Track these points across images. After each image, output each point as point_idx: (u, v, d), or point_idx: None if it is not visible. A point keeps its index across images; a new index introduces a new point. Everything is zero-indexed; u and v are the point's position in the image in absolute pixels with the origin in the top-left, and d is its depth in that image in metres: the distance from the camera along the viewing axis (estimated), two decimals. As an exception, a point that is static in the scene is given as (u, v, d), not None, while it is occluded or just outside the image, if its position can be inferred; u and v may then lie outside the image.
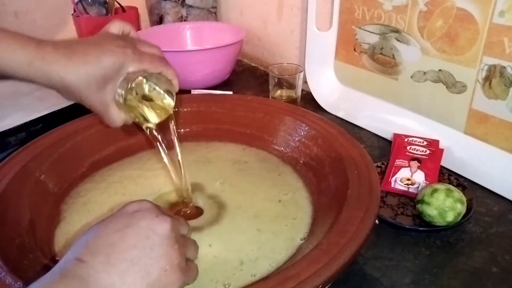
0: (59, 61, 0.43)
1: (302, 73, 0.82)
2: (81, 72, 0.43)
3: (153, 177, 0.64)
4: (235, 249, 0.50)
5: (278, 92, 0.85)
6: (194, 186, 0.61)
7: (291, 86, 0.83)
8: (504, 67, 0.61)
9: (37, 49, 0.44)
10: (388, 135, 0.77)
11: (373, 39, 0.78)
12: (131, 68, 0.47)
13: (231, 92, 0.87)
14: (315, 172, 0.61)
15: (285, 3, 1.01)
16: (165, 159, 0.53)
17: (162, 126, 0.54)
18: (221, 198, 0.59)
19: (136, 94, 0.49)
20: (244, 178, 0.63)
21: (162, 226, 0.34)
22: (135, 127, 0.69)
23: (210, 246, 0.50)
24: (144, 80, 0.49)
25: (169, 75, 0.52)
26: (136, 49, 0.48)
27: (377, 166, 0.67)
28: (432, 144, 0.69)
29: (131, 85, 0.47)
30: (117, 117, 0.49)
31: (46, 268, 0.47)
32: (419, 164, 0.66)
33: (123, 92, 0.47)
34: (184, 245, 0.36)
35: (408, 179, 0.64)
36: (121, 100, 0.48)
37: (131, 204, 0.36)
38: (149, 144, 0.70)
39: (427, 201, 0.56)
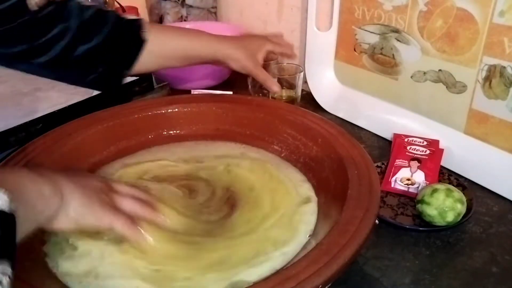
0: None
1: (302, 73, 0.82)
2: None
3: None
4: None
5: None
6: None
7: (291, 86, 0.83)
8: (504, 67, 0.61)
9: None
10: (388, 135, 0.77)
11: (373, 39, 0.78)
12: None
13: (231, 92, 0.87)
14: (315, 172, 0.61)
15: (285, 3, 1.01)
16: None
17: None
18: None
19: None
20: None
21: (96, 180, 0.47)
22: (135, 127, 0.69)
23: None
24: None
25: None
26: None
27: (377, 166, 0.67)
28: (432, 144, 0.69)
29: None
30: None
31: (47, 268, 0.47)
32: (419, 164, 0.66)
33: None
34: (113, 195, 0.46)
35: (408, 179, 0.64)
36: None
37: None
38: (149, 144, 0.71)
39: (427, 201, 0.56)
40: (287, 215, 0.54)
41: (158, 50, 0.65)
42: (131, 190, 0.49)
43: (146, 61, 0.64)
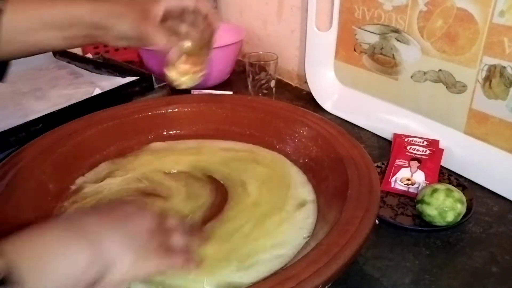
0: None
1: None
2: None
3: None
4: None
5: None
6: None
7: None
8: (504, 67, 0.61)
9: None
10: (388, 135, 0.77)
11: (373, 39, 0.78)
12: None
13: (231, 92, 0.87)
14: (315, 172, 0.61)
15: (285, 3, 1.01)
16: None
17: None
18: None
19: None
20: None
21: (144, 219, 0.40)
22: (135, 127, 0.69)
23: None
24: None
25: None
26: None
27: (377, 166, 0.67)
28: (432, 144, 0.69)
29: None
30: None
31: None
32: (419, 164, 0.66)
33: None
34: (166, 235, 0.40)
35: (408, 179, 0.64)
36: None
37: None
38: (149, 144, 0.71)
39: (427, 201, 0.56)
40: (278, 220, 0.54)
41: (22, 22, 0.51)
42: (180, 224, 0.43)
43: (12, 38, 0.51)
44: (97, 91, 0.88)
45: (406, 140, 0.70)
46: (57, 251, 0.32)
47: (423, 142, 0.69)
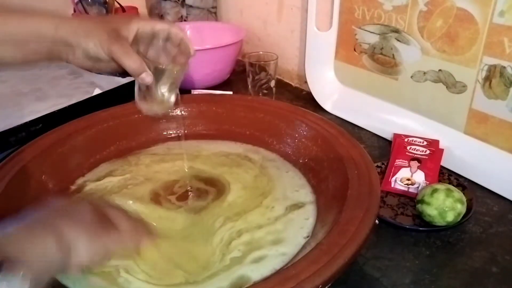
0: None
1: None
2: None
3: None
4: None
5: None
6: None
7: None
8: (504, 67, 0.61)
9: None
10: (388, 135, 0.77)
11: (373, 39, 0.78)
12: None
13: (231, 92, 0.87)
14: (315, 172, 0.61)
15: (285, 3, 1.01)
16: None
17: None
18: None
19: None
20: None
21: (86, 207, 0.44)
22: (135, 127, 0.69)
23: None
24: None
25: None
26: None
27: (377, 166, 0.67)
28: (432, 144, 0.69)
29: None
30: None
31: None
32: (419, 164, 0.66)
33: None
34: (109, 219, 0.43)
35: (408, 179, 0.64)
36: None
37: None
38: (149, 144, 0.71)
39: (427, 201, 0.56)
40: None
41: None
42: (121, 211, 0.46)
43: None
44: (97, 91, 0.88)
45: (406, 140, 0.70)
46: (34, 243, 0.37)
47: (423, 142, 0.69)
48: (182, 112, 0.72)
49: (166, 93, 0.55)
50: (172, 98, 0.56)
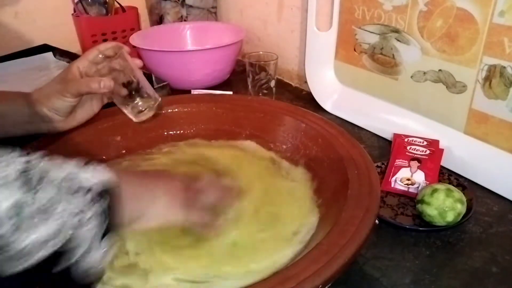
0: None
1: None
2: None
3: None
4: None
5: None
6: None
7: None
8: (504, 67, 0.61)
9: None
10: (388, 135, 0.77)
11: (373, 39, 0.78)
12: None
13: (231, 92, 0.87)
14: (315, 172, 0.61)
15: (285, 3, 1.01)
16: None
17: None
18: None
19: None
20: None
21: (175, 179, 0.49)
22: (136, 127, 0.69)
23: None
24: None
25: None
26: None
27: (377, 166, 0.67)
28: (432, 144, 0.69)
29: None
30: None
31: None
32: (419, 164, 0.66)
33: None
34: (195, 192, 0.48)
35: (408, 179, 0.64)
36: None
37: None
38: (149, 146, 0.71)
39: (427, 201, 0.56)
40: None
41: None
42: (211, 182, 0.51)
43: None
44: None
45: (406, 140, 0.70)
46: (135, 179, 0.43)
47: (423, 142, 0.69)
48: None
49: (141, 100, 0.62)
50: (151, 101, 0.62)
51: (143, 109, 0.62)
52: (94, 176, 0.36)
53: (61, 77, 0.59)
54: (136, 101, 0.61)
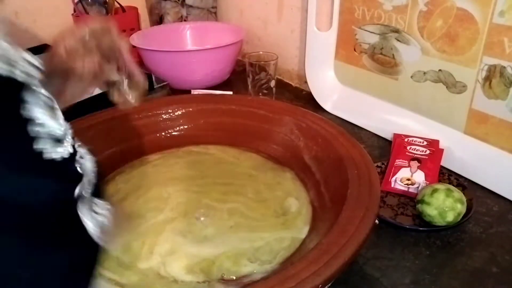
0: None
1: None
2: None
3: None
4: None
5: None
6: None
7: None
8: (504, 67, 0.61)
9: None
10: (388, 135, 0.77)
11: (373, 39, 0.78)
12: None
13: (231, 92, 0.87)
14: (315, 172, 0.61)
15: (285, 3, 1.01)
16: None
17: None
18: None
19: None
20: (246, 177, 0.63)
21: None
22: (136, 127, 0.69)
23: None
24: None
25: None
26: None
27: (377, 166, 0.67)
28: (432, 144, 0.69)
29: None
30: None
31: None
32: (419, 164, 0.66)
33: None
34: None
35: (408, 179, 0.64)
36: None
37: None
38: (149, 144, 0.71)
39: (427, 201, 0.56)
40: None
41: None
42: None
43: None
44: (97, 91, 0.88)
45: (406, 140, 0.70)
46: None
47: (423, 142, 0.69)
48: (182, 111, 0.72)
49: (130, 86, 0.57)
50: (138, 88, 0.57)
51: (128, 93, 0.57)
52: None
53: (47, 57, 0.54)
54: (123, 86, 0.57)
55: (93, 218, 0.33)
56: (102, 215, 0.34)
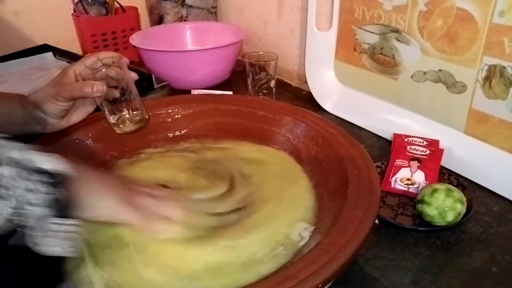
0: None
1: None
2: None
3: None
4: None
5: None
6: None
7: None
8: (504, 67, 0.61)
9: None
10: (388, 135, 0.77)
11: (373, 39, 0.78)
12: None
13: (231, 92, 0.87)
14: (315, 172, 0.61)
15: (285, 3, 1.01)
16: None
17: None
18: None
19: None
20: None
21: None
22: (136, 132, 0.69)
23: None
24: None
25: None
26: None
27: (377, 166, 0.67)
28: (432, 144, 0.69)
29: None
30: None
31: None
32: (419, 164, 0.66)
33: None
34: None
35: (408, 179, 0.64)
36: None
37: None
38: (149, 144, 0.71)
39: (427, 201, 0.56)
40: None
41: None
42: (147, 189, 0.50)
43: None
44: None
45: (406, 140, 0.70)
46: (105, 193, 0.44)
47: (423, 142, 0.69)
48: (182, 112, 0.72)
49: (129, 112, 0.63)
50: (137, 116, 0.63)
51: (128, 122, 0.63)
52: (51, 161, 0.39)
53: (56, 80, 0.60)
54: (123, 112, 0.62)
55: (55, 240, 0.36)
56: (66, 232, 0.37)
